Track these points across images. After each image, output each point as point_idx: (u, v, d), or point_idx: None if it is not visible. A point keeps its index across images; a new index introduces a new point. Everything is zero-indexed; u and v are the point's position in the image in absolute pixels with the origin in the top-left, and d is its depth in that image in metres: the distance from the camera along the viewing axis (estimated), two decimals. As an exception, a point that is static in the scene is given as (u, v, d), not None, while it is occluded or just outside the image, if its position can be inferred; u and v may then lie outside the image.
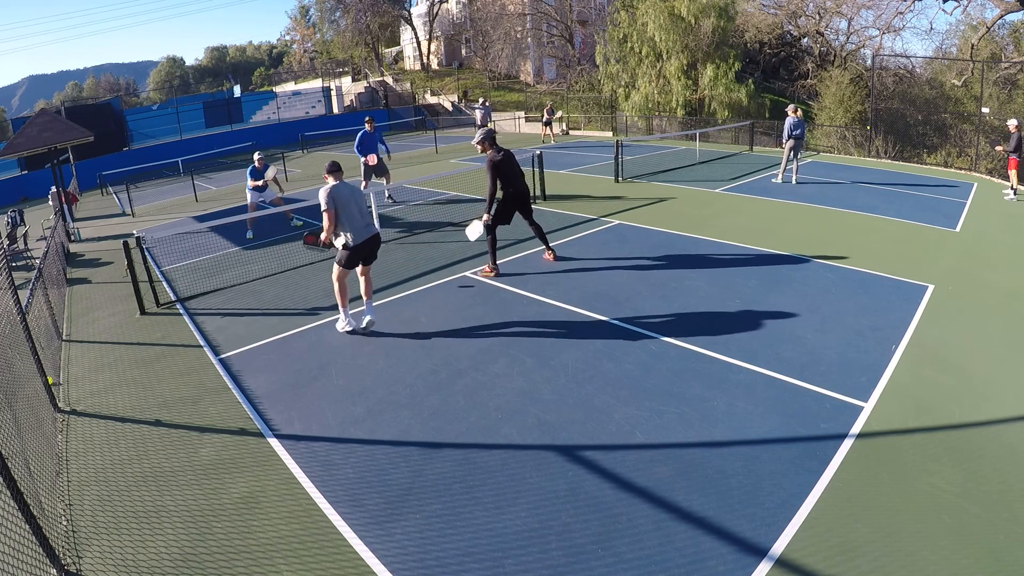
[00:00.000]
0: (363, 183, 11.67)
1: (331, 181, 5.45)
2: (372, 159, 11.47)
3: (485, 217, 6.96)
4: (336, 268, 5.56)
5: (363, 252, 5.57)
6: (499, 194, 6.99)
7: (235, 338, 5.98)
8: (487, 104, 21.46)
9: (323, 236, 5.43)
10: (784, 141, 12.16)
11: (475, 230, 7.18)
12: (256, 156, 10.58)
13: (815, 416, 4.07)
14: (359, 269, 5.73)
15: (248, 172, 10.35)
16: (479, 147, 6.95)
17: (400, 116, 34.46)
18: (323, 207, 5.34)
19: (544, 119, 22.23)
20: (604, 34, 27.03)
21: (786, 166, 12.33)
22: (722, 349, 5.04)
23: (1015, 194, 11.15)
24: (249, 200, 10.49)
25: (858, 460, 3.62)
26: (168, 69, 79.71)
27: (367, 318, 5.77)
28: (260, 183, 10.33)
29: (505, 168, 6.90)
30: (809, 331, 5.33)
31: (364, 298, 5.84)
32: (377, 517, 3.35)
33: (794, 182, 12.04)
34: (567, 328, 5.61)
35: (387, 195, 12.26)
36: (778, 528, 3.11)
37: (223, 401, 4.77)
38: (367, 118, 12.01)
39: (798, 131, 11.87)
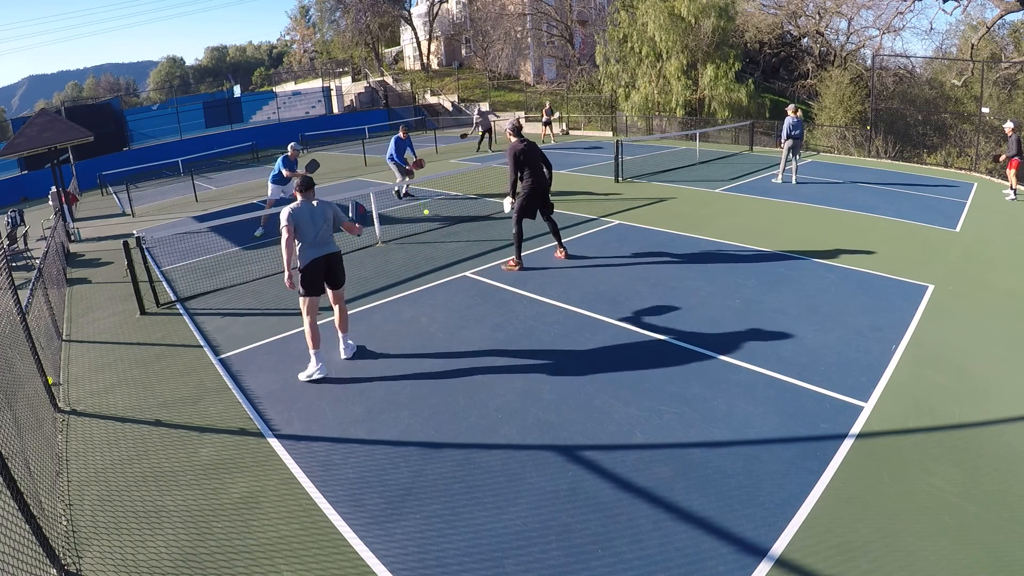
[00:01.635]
0: (402, 182, 12.05)
1: (297, 198, 4.94)
2: (411, 158, 11.96)
3: (508, 199, 7.21)
4: (301, 301, 4.96)
5: (321, 272, 4.96)
6: (521, 187, 7.16)
7: (235, 338, 5.98)
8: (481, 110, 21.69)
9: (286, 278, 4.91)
10: (782, 141, 12.19)
11: (508, 203, 7.33)
12: (291, 145, 10.53)
13: (815, 416, 4.07)
14: (330, 297, 5.12)
15: (280, 161, 10.21)
16: (507, 135, 7.28)
17: (400, 116, 34.40)
18: (283, 240, 4.84)
19: (544, 119, 22.23)
20: (604, 34, 27.03)
21: (785, 166, 12.37)
22: (722, 349, 5.05)
23: (1015, 194, 11.16)
24: (270, 194, 10.40)
25: (858, 460, 3.62)
26: (168, 69, 79.69)
27: (344, 354, 5.25)
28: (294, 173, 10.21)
29: (527, 158, 7.07)
30: (809, 331, 5.33)
31: (339, 333, 5.25)
32: (377, 517, 3.35)
33: (794, 182, 12.05)
34: (567, 328, 5.61)
35: (404, 192, 12.44)
36: (778, 528, 3.11)
37: (223, 401, 4.78)
38: (402, 125, 12.59)
39: (796, 131, 11.91)
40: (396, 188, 12.33)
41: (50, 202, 15.81)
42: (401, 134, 12.08)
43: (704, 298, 6.17)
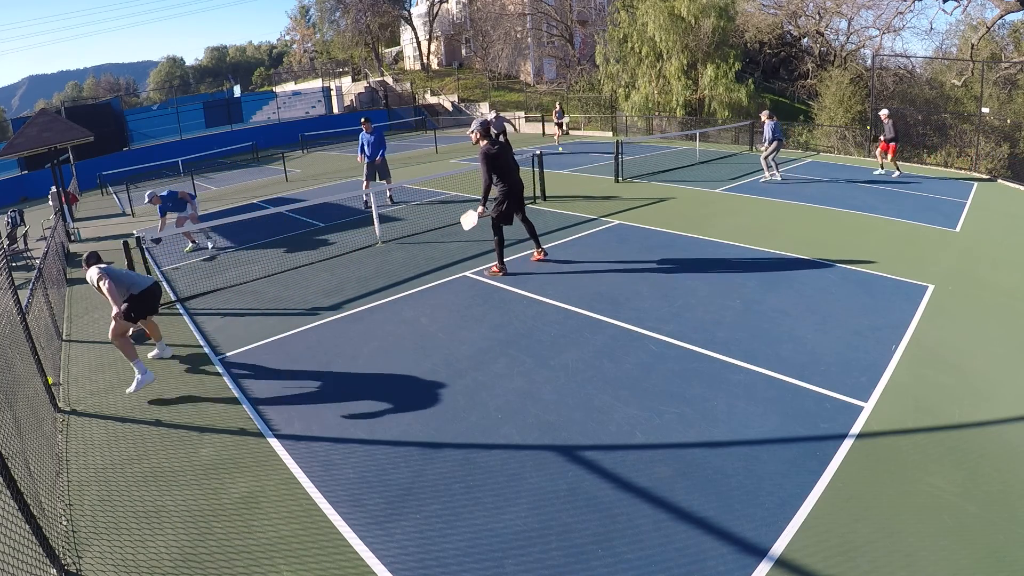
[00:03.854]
0: (364, 183, 11.80)
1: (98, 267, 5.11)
2: (360, 158, 11.78)
3: (480, 209, 6.93)
4: (115, 324, 5.04)
5: (148, 303, 5.26)
6: (495, 193, 6.92)
7: (235, 338, 5.98)
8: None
9: (115, 313, 5.00)
10: (770, 145, 12.38)
11: (469, 220, 7.09)
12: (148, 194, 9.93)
13: (815, 416, 4.07)
14: (145, 320, 5.47)
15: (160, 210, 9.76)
16: (473, 137, 6.87)
17: (400, 116, 34.45)
18: (105, 287, 4.96)
19: (555, 120, 21.74)
20: (604, 34, 27.02)
21: (772, 167, 12.52)
22: (722, 349, 5.04)
23: (883, 169, 13.07)
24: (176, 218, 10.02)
25: (858, 460, 3.62)
26: (168, 69, 79.71)
27: (157, 352, 5.63)
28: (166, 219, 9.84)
29: (500, 161, 6.80)
30: (809, 331, 5.33)
31: (155, 340, 5.69)
32: (377, 517, 3.35)
33: (778, 178, 12.23)
34: (567, 328, 5.61)
35: (388, 195, 12.29)
36: (778, 528, 3.11)
37: (223, 401, 4.77)
38: (362, 119, 12.09)
39: (779, 133, 12.35)
40: (388, 193, 12.22)
41: (50, 202, 15.83)
42: (364, 129, 11.66)
43: (704, 298, 6.17)
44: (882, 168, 13.32)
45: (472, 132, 6.87)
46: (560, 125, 21.48)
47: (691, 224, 9.07)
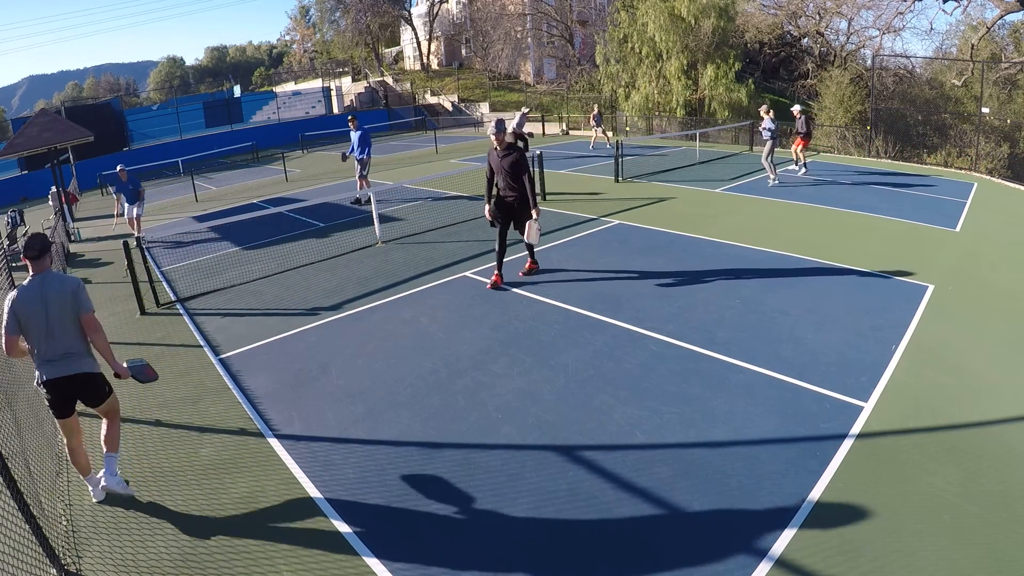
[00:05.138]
0: (358, 183, 12.14)
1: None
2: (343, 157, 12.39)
3: (536, 213, 6.47)
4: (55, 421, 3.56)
5: (69, 393, 3.45)
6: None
7: (235, 338, 5.98)
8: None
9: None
10: (771, 142, 11.91)
11: (536, 233, 6.57)
12: (120, 167, 11.28)
13: (815, 416, 4.07)
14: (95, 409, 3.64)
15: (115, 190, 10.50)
16: (504, 138, 6.42)
17: (400, 116, 34.45)
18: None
19: (594, 124, 21.04)
20: (604, 34, 27.04)
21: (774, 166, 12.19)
22: (722, 349, 5.04)
23: (802, 169, 12.74)
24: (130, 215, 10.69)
25: (858, 460, 3.62)
26: (168, 69, 79.72)
27: (102, 483, 3.57)
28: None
29: None
30: (809, 331, 5.33)
31: (103, 447, 3.64)
32: (377, 517, 3.35)
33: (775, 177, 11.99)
34: (567, 328, 5.61)
35: (356, 194, 12.24)
36: (778, 528, 3.11)
37: (223, 401, 4.77)
38: (348, 117, 12.69)
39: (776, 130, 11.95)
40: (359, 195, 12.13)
41: (50, 202, 15.80)
42: (351, 126, 12.09)
43: (704, 298, 6.17)
44: (798, 163, 13.06)
45: (511, 132, 6.49)
46: (598, 126, 20.80)
47: (691, 224, 9.07)
